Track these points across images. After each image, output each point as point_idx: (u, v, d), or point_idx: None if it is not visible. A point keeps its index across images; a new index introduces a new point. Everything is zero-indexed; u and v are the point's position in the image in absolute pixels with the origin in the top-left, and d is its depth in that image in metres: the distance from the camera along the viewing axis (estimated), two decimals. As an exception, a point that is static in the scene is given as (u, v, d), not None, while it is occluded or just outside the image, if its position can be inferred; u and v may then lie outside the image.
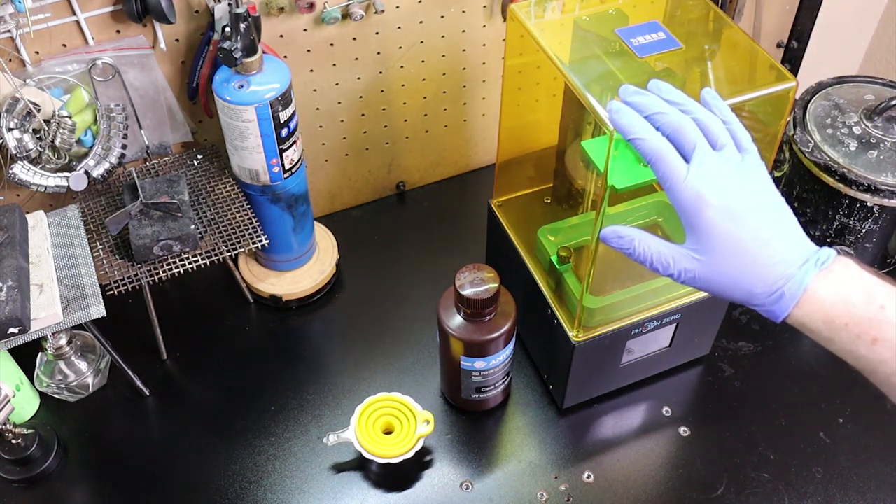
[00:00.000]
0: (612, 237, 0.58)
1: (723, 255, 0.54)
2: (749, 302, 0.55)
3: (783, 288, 0.53)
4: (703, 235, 0.54)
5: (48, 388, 0.87)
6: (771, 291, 0.54)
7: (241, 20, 0.76)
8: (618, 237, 0.58)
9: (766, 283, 0.53)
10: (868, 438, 0.85)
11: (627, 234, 0.58)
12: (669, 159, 0.54)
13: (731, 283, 0.54)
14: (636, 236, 0.57)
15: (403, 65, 0.98)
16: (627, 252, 0.58)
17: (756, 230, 0.54)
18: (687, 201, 0.54)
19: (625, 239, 0.57)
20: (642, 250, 0.57)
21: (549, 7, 0.74)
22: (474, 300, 0.75)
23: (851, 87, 1.02)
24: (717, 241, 0.54)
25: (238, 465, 0.83)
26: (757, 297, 0.54)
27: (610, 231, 0.58)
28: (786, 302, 0.53)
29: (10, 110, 0.77)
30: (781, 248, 0.54)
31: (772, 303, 0.54)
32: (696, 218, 0.54)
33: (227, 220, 0.87)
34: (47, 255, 0.82)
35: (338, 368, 0.92)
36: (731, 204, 0.54)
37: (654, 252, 0.56)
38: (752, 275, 0.54)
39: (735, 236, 0.53)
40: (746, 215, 0.54)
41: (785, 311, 0.54)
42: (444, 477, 0.83)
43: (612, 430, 0.87)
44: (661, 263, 0.56)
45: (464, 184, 1.15)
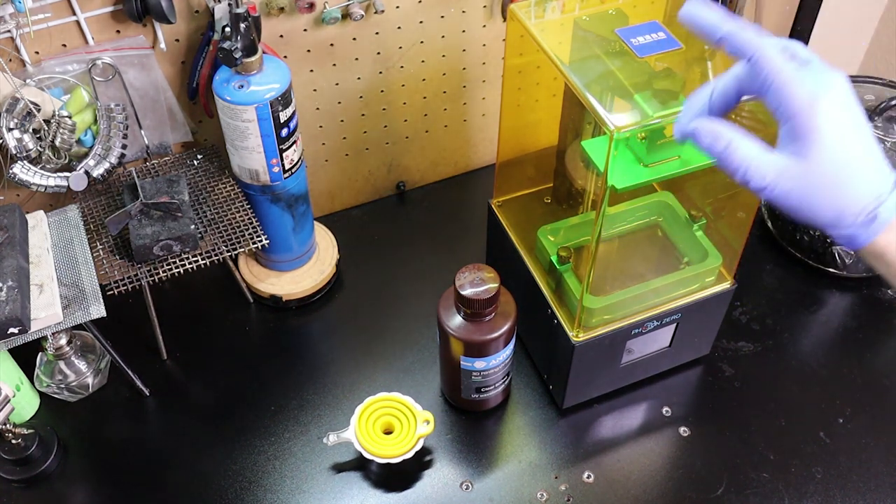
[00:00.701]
0: (705, 134, 0.50)
1: (828, 163, 0.49)
2: (835, 223, 0.50)
3: (878, 209, 0.49)
4: (811, 140, 0.48)
5: (48, 388, 0.87)
6: (865, 212, 0.49)
7: (241, 20, 0.76)
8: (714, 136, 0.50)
9: (863, 201, 0.49)
10: (868, 438, 0.85)
11: (726, 135, 0.50)
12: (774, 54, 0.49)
13: (826, 197, 0.49)
14: (735, 139, 0.50)
15: (403, 65, 0.98)
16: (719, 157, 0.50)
17: (863, 141, 0.50)
18: (799, 98, 0.48)
19: (721, 140, 0.50)
20: (740, 156, 0.50)
21: (549, 7, 0.74)
22: (474, 300, 0.75)
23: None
24: (825, 147, 0.49)
25: (238, 465, 0.83)
26: (846, 217, 0.50)
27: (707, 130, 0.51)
28: (877, 225, 0.49)
29: (10, 110, 0.77)
30: (879, 166, 0.50)
31: (861, 224, 0.50)
32: (809, 118, 0.48)
33: (227, 220, 0.87)
34: (47, 255, 0.82)
35: (338, 368, 0.92)
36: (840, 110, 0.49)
37: (752, 158, 0.49)
38: (852, 188, 0.49)
39: (842, 144, 0.49)
40: (851, 126, 0.50)
41: (874, 234, 0.50)
42: (444, 477, 0.83)
43: (612, 430, 0.87)
44: (757, 173, 0.49)
45: (464, 184, 1.15)
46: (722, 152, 0.50)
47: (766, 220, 1.05)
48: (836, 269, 0.99)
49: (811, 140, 0.49)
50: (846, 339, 0.95)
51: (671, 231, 0.86)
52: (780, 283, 1.01)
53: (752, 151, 0.50)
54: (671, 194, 0.87)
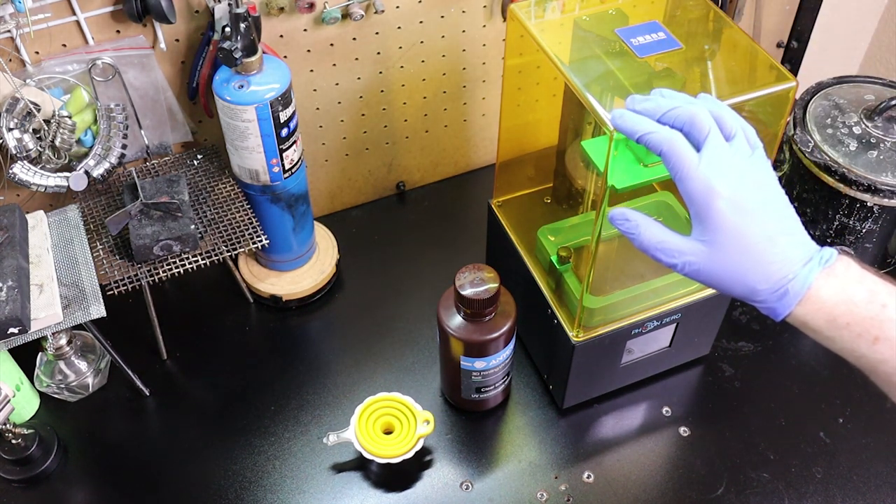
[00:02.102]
0: (619, 219, 0.57)
1: (729, 248, 0.53)
2: (751, 298, 0.55)
3: (787, 286, 0.53)
4: (711, 227, 0.53)
5: (48, 388, 0.87)
6: (775, 289, 0.53)
7: (241, 20, 0.76)
8: (625, 220, 0.57)
9: (771, 279, 0.53)
10: (868, 438, 0.85)
11: (634, 219, 0.57)
12: (680, 148, 0.54)
13: (735, 277, 0.54)
14: (642, 222, 0.56)
15: (403, 65, 0.98)
16: (632, 237, 0.57)
17: (764, 225, 0.53)
18: (697, 191, 0.53)
19: (631, 223, 0.57)
20: (648, 237, 0.56)
21: (549, 7, 0.74)
22: (474, 300, 0.75)
23: (851, 87, 1.02)
24: (724, 233, 0.53)
25: (238, 465, 0.83)
26: (760, 293, 0.54)
27: (618, 213, 0.57)
28: (789, 300, 0.53)
29: (10, 110, 0.77)
30: (787, 245, 0.54)
31: (775, 300, 0.54)
32: (706, 209, 0.53)
33: (227, 220, 0.87)
34: (47, 255, 0.82)
35: (338, 368, 0.92)
36: (741, 197, 0.53)
37: (658, 240, 0.56)
38: (757, 271, 0.53)
39: (743, 230, 0.53)
40: (755, 210, 0.53)
41: (787, 308, 0.53)
42: (444, 477, 0.83)
43: (612, 430, 0.87)
44: (665, 252, 0.55)
45: (464, 184, 1.15)
46: (633, 233, 0.57)
47: (766, 220, 1.05)
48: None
49: (711, 228, 0.54)
50: (846, 339, 0.95)
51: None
52: (780, 283, 1.01)
53: (660, 235, 0.56)
54: (671, 194, 0.87)
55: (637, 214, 0.57)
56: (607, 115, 0.63)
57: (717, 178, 0.53)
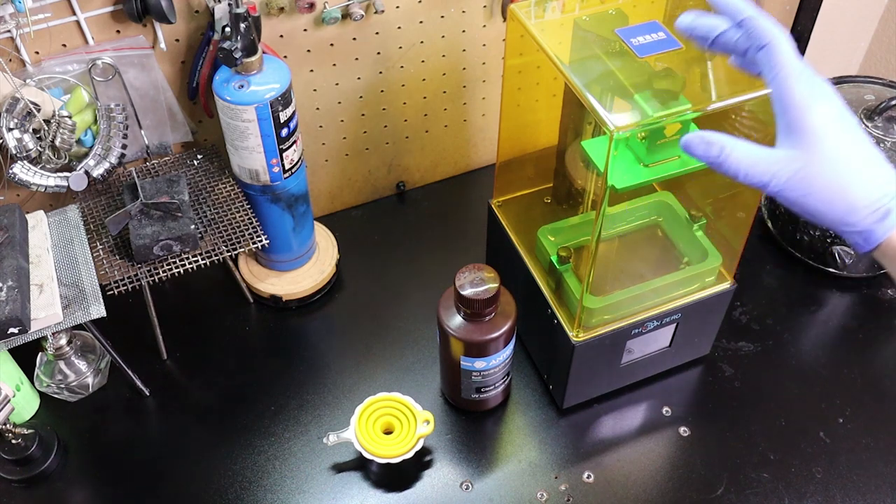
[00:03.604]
0: (696, 144, 0.50)
1: (829, 155, 0.48)
2: (843, 220, 0.49)
3: (890, 204, 0.48)
4: (811, 133, 0.48)
5: (48, 388, 0.87)
6: (875, 207, 0.48)
7: (241, 20, 0.76)
8: (706, 144, 0.50)
9: (872, 196, 0.48)
10: (868, 438, 0.85)
11: (717, 141, 0.49)
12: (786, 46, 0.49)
13: (833, 188, 0.48)
14: (727, 143, 0.49)
15: (403, 65, 0.98)
16: (715, 163, 0.50)
17: (858, 141, 0.49)
18: (800, 95, 0.48)
19: (714, 146, 0.49)
20: (734, 160, 0.49)
21: (549, 7, 0.74)
22: (474, 300, 0.75)
23: (851, 87, 1.02)
24: (825, 139, 0.48)
25: (238, 465, 0.83)
26: (858, 211, 0.48)
27: (696, 137, 0.50)
28: (890, 221, 0.48)
29: (10, 110, 0.77)
30: (883, 162, 0.49)
31: (874, 220, 0.48)
32: (806, 114, 0.48)
33: (227, 220, 0.87)
34: (47, 255, 0.82)
35: (338, 368, 0.92)
36: (840, 104, 0.49)
37: (749, 160, 0.49)
38: (858, 186, 0.48)
39: (842, 138, 0.48)
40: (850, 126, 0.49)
41: (886, 232, 0.48)
42: (444, 477, 0.83)
43: (612, 430, 0.87)
44: (759, 172, 0.49)
45: (464, 184, 1.15)
46: (717, 158, 0.50)
47: (766, 220, 1.05)
48: (836, 269, 0.99)
49: (809, 135, 0.48)
50: (846, 339, 0.95)
51: (671, 231, 0.86)
52: (780, 283, 1.01)
53: (748, 151, 0.49)
54: (671, 194, 0.87)
55: (719, 136, 0.50)
56: (607, 115, 0.63)
57: (815, 85, 0.49)
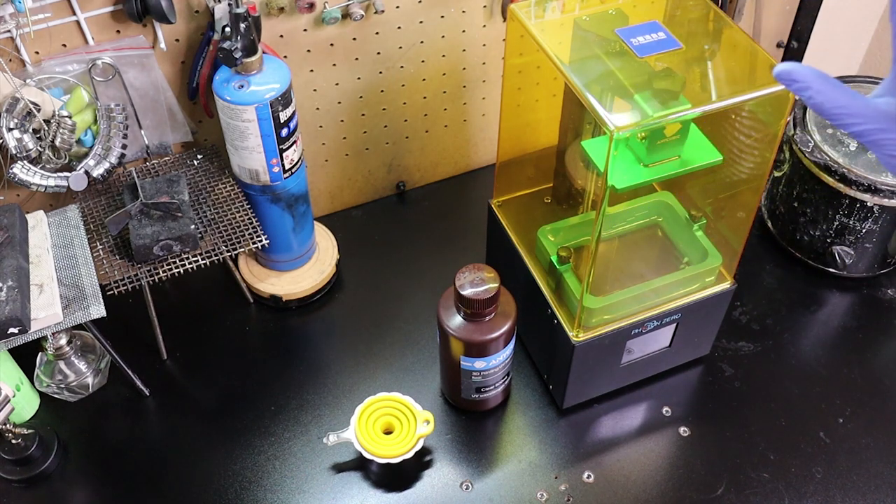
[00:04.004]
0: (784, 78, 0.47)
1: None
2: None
3: None
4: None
5: (48, 388, 0.87)
6: None
7: (241, 20, 0.76)
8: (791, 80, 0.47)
9: None
10: (868, 438, 0.85)
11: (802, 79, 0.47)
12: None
13: None
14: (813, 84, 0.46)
15: (403, 65, 0.98)
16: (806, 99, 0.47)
17: None
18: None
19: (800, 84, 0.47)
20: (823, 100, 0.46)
21: (549, 7, 0.74)
22: (474, 300, 0.75)
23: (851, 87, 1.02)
24: None
25: (238, 465, 0.83)
26: None
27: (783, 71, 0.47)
28: None
29: (10, 110, 0.77)
30: None
31: None
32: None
33: (227, 220, 0.87)
34: (47, 255, 0.82)
35: (338, 368, 0.92)
36: None
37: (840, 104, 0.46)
38: None
39: None
40: None
41: None
42: (444, 477, 0.83)
43: (612, 430, 0.87)
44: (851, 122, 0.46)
45: (464, 184, 1.15)
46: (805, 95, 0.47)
47: (766, 220, 1.05)
48: (836, 269, 0.99)
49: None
50: (846, 339, 0.95)
51: (671, 231, 0.86)
52: (780, 283, 1.01)
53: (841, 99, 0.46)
54: (671, 194, 0.87)
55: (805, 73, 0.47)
56: (607, 115, 0.63)
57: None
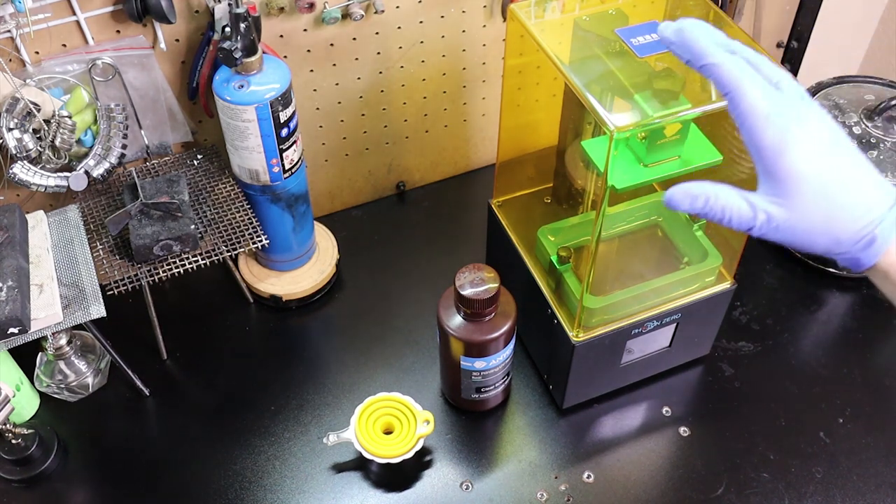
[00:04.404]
0: (681, 199, 0.51)
1: (809, 198, 0.49)
2: (832, 250, 0.51)
3: (874, 231, 0.49)
4: (786, 178, 0.49)
5: (48, 388, 0.87)
6: (859, 237, 0.49)
7: (241, 20, 0.76)
8: (690, 198, 0.51)
9: (856, 226, 0.49)
10: (868, 438, 0.85)
11: (701, 193, 0.51)
12: (752, 92, 0.49)
13: (816, 228, 0.50)
14: (710, 192, 0.51)
15: (403, 65, 0.98)
16: (701, 213, 0.51)
17: (840, 170, 0.50)
18: (770, 141, 0.49)
19: (699, 198, 0.51)
20: (720, 207, 0.50)
21: (549, 7, 0.74)
22: (474, 300, 0.75)
23: (851, 87, 1.02)
24: (802, 183, 0.49)
25: (238, 465, 0.83)
26: (843, 243, 0.50)
27: (679, 192, 0.51)
28: (876, 247, 0.49)
29: (10, 110, 0.77)
30: (867, 188, 0.50)
31: (860, 248, 0.50)
32: (779, 159, 0.49)
33: (227, 220, 0.87)
34: (47, 255, 0.82)
35: (338, 368, 0.92)
36: (813, 143, 0.49)
37: (732, 206, 0.50)
38: (840, 218, 0.49)
39: (820, 177, 0.49)
40: (829, 155, 0.50)
41: (873, 258, 0.50)
42: (444, 477, 0.83)
43: (612, 430, 0.87)
44: (743, 217, 0.50)
45: (464, 184, 1.15)
46: (703, 209, 0.51)
47: (766, 220, 1.05)
48: (836, 269, 0.99)
49: (785, 178, 0.49)
50: (846, 339, 0.95)
51: (671, 231, 0.86)
52: (780, 283, 1.01)
53: (731, 200, 0.50)
54: (671, 194, 0.86)
55: (699, 187, 0.51)
56: (607, 115, 0.63)
57: (786, 127, 0.49)
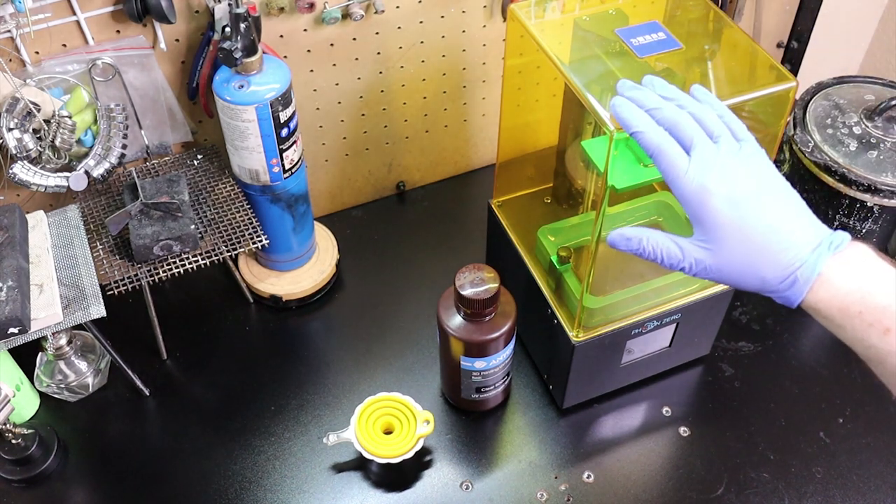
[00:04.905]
0: (619, 241, 0.58)
1: (731, 243, 0.54)
2: (763, 289, 0.55)
3: (796, 273, 0.53)
4: (710, 225, 0.54)
5: (48, 388, 0.87)
6: (783, 277, 0.53)
7: (241, 20, 0.76)
8: (625, 239, 0.58)
9: (778, 268, 0.53)
10: (868, 438, 0.85)
11: (635, 235, 0.58)
12: (670, 152, 0.55)
13: (742, 271, 0.54)
14: (644, 235, 0.57)
15: (403, 65, 0.98)
16: (637, 252, 0.58)
17: (762, 216, 0.54)
18: (690, 193, 0.54)
19: (633, 240, 0.58)
20: (651, 248, 0.57)
21: (549, 7, 0.75)
22: (474, 300, 0.75)
23: (851, 87, 1.02)
24: (723, 229, 0.54)
25: (238, 465, 0.83)
26: (769, 283, 0.54)
27: (616, 235, 0.59)
28: (799, 287, 0.53)
29: (10, 110, 0.77)
30: (791, 231, 0.54)
31: (785, 288, 0.53)
32: (701, 209, 0.54)
33: (227, 220, 0.87)
34: (47, 255, 0.82)
35: (338, 368, 0.92)
36: (733, 192, 0.54)
37: (663, 248, 0.57)
38: (763, 261, 0.53)
39: (741, 223, 0.53)
40: (750, 202, 0.54)
41: (799, 296, 0.53)
42: (444, 477, 0.83)
43: (612, 430, 0.87)
44: (672, 258, 0.56)
45: (464, 184, 1.15)
46: (637, 250, 0.58)
47: (766, 220, 1.05)
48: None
49: (709, 225, 0.54)
50: (846, 339, 0.95)
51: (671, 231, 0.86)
52: (780, 283, 1.01)
53: (662, 242, 0.57)
54: (671, 194, 0.86)
55: (634, 230, 0.58)
56: (607, 115, 0.63)
57: (707, 179, 0.54)
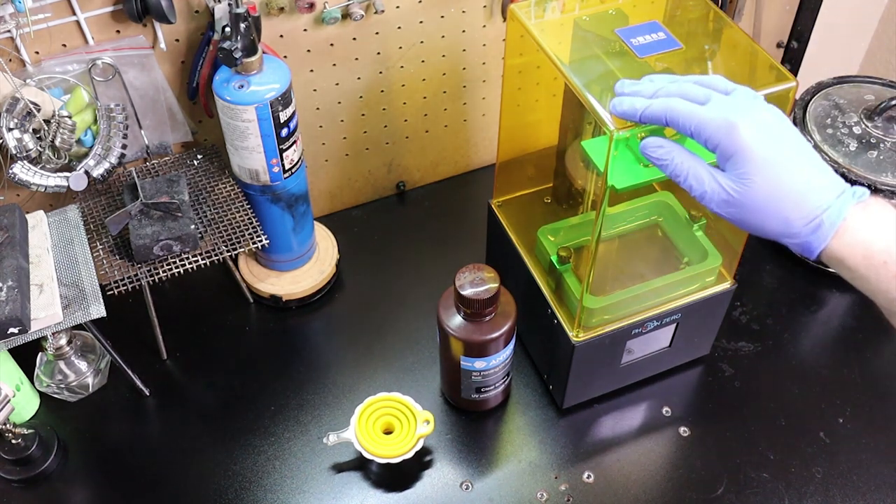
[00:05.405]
0: (652, 146, 0.57)
1: (761, 178, 0.52)
2: (784, 233, 0.53)
3: (822, 216, 0.51)
4: (741, 157, 0.52)
5: (48, 388, 0.87)
6: (809, 219, 0.52)
7: (241, 20, 0.76)
8: (658, 146, 0.56)
9: (805, 209, 0.52)
10: (868, 438, 0.85)
11: (668, 146, 0.56)
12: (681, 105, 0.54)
13: (766, 209, 0.53)
14: (676, 149, 0.56)
15: (403, 65, 0.98)
16: (663, 165, 0.56)
17: (791, 156, 0.52)
18: (717, 127, 0.53)
19: (665, 148, 0.56)
20: (678, 163, 0.55)
21: (549, 7, 0.74)
22: (474, 300, 0.75)
23: (851, 87, 1.02)
24: (754, 162, 0.52)
25: (238, 465, 0.83)
26: (793, 225, 0.52)
27: (651, 139, 0.57)
28: (824, 231, 0.51)
29: (10, 110, 0.77)
30: (818, 175, 0.52)
31: (809, 232, 0.52)
32: (730, 138, 0.52)
33: (227, 220, 0.87)
34: (47, 255, 0.82)
35: (338, 368, 0.92)
36: (762, 127, 0.52)
37: (690, 168, 0.55)
38: (790, 200, 0.52)
39: (773, 158, 0.52)
40: (779, 141, 0.53)
41: (822, 242, 0.52)
42: (444, 477, 0.83)
43: (612, 430, 0.87)
44: (696, 179, 0.55)
45: (464, 184, 1.15)
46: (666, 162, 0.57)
47: (766, 220, 1.05)
48: (836, 269, 0.99)
49: (739, 156, 0.53)
50: (846, 339, 0.95)
51: (671, 231, 0.86)
52: (780, 283, 1.01)
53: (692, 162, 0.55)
54: (671, 194, 0.87)
55: (670, 142, 0.56)
56: (607, 115, 0.63)
57: (730, 114, 0.52)
